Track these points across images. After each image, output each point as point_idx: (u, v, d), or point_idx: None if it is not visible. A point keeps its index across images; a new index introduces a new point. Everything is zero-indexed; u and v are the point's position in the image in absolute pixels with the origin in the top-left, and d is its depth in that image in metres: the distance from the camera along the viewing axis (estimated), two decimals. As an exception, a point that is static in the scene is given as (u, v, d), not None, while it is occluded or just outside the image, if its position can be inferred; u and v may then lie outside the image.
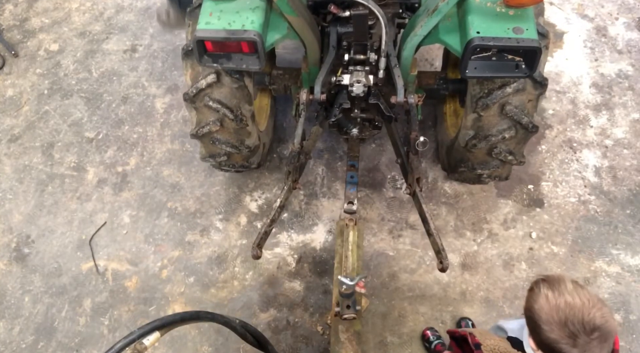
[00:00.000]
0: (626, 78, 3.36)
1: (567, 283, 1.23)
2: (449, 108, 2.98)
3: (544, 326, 1.19)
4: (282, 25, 2.14)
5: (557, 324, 1.17)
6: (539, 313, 1.21)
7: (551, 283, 1.24)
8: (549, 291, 1.22)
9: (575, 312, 1.17)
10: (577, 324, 1.16)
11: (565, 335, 1.16)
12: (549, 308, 1.19)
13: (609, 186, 2.96)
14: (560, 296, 1.20)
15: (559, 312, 1.18)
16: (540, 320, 1.20)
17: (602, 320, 1.16)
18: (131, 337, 1.41)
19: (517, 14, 1.97)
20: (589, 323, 1.16)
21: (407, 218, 2.88)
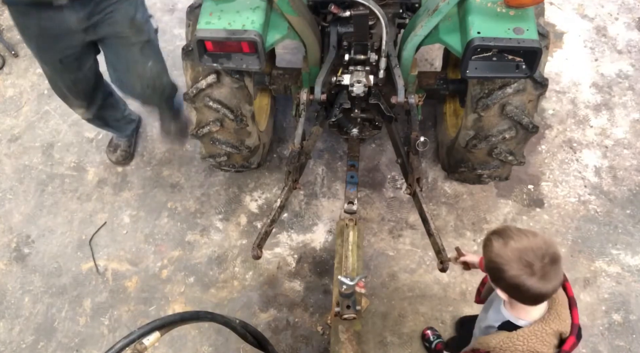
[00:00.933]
0: (626, 78, 3.36)
1: (511, 229, 1.41)
2: (449, 108, 2.98)
3: (504, 267, 1.35)
4: (282, 25, 2.14)
5: (514, 261, 1.34)
6: (496, 259, 1.37)
7: (499, 233, 1.41)
8: (499, 239, 1.39)
9: (525, 246, 1.35)
10: (530, 254, 1.33)
11: (523, 266, 1.32)
12: (504, 252, 1.36)
13: (609, 186, 2.96)
14: (509, 240, 1.37)
15: (513, 251, 1.35)
16: (500, 264, 1.36)
17: (546, 245, 1.36)
18: (131, 337, 1.41)
19: (517, 15, 1.97)
20: (538, 250, 1.34)
21: (407, 218, 2.88)
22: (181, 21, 3.65)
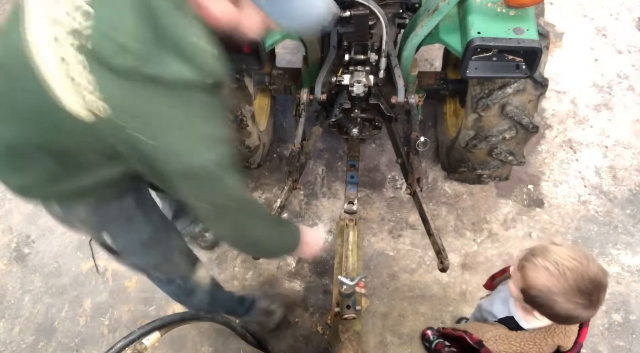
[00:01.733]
0: (626, 78, 3.36)
1: (553, 248, 1.25)
2: (449, 108, 2.98)
3: (559, 298, 1.20)
4: (282, 25, 2.14)
5: (571, 292, 1.19)
6: (547, 288, 1.21)
7: (542, 254, 1.25)
8: (545, 262, 1.23)
9: (582, 274, 1.20)
10: (589, 285, 1.19)
11: (582, 299, 1.19)
12: (557, 280, 1.20)
13: (609, 186, 2.96)
14: (559, 265, 1.21)
15: (569, 280, 1.19)
16: (552, 294, 1.21)
17: (601, 271, 1.22)
18: (131, 337, 1.42)
19: (517, 15, 1.97)
20: (595, 279, 1.20)
21: (407, 218, 2.88)
22: (181, 21, 3.65)
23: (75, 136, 1.21)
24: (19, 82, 1.17)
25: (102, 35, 1.05)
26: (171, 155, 1.16)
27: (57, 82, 1.10)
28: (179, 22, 1.06)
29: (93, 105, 1.09)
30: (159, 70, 1.07)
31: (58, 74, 1.09)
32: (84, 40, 1.06)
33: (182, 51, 1.07)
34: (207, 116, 1.22)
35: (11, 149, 1.33)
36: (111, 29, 1.05)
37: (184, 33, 1.07)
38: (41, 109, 1.17)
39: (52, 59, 1.09)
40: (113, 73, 1.07)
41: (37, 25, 1.10)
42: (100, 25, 1.05)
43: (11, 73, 1.19)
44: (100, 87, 1.08)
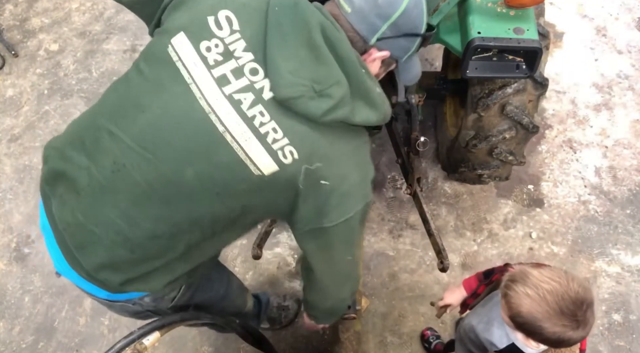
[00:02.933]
0: (626, 78, 3.36)
1: (532, 272, 1.22)
2: (449, 108, 2.98)
3: (545, 324, 1.18)
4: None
5: (555, 316, 1.17)
6: (531, 314, 1.19)
7: (521, 280, 1.23)
8: (525, 288, 1.21)
9: (562, 295, 1.17)
10: (570, 306, 1.17)
11: (568, 321, 1.16)
12: (539, 305, 1.18)
13: (609, 186, 2.96)
14: (539, 289, 1.19)
15: (550, 304, 1.17)
16: (537, 321, 1.19)
17: (582, 288, 1.19)
18: (131, 337, 1.41)
19: (517, 15, 1.97)
20: (577, 298, 1.17)
21: (407, 218, 2.88)
22: (181, 21, 3.65)
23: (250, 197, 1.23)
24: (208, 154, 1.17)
25: (287, 83, 1.11)
26: (346, 197, 1.24)
27: (247, 142, 1.14)
28: (366, 75, 1.18)
29: (280, 152, 1.14)
30: (352, 114, 1.17)
31: (245, 132, 1.13)
32: (259, 92, 1.13)
33: (370, 99, 1.20)
34: (370, 160, 1.35)
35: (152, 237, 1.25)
36: (300, 76, 1.11)
37: (372, 85, 1.21)
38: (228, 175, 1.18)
39: (234, 118, 1.13)
40: (299, 117, 1.13)
41: (209, 91, 1.14)
42: (280, 74, 1.11)
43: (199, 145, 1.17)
44: (285, 131, 1.14)
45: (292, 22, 1.13)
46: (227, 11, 1.16)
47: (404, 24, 1.19)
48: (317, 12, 1.15)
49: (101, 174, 1.22)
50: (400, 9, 1.17)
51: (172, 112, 1.17)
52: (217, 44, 1.14)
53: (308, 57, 1.12)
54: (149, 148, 1.18)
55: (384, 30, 1.19)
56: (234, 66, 1.14)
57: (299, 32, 1.12)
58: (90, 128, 1.28)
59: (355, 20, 1.18)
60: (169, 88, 1.17)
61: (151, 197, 1.20)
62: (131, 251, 1.25)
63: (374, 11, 1.17)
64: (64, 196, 1.27)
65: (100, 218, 1.23)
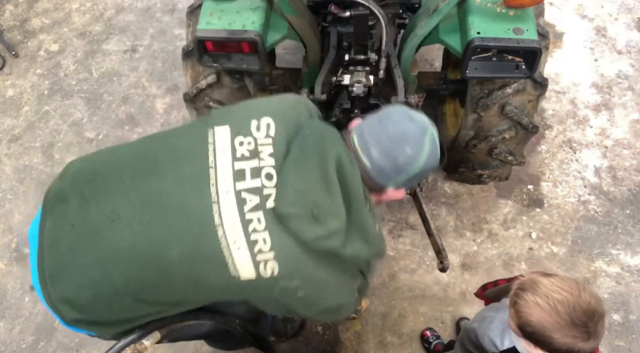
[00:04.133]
0: (626, 78, 3.36)
1: (542, 281, 1.21)
2: (449, 108, 2.99)
3: (555, 335, 1.16)
4: (282, 25, 2.14)
5: (566, 327, 1.15)
6: (541, 324, 1.17)
7: (531, 289, 1.21)
8: (535, 297, 1.19)
9: (574, 306, 1.15)
10: (582, 317, 1.14)
11: (579, 333, 1.14)
12: (549, 315, 1.16)
13: (608, 186, 2.97)
14: (549, 298, 1.17)
15: (561, 314, 1.15)
16: (547, 331, 1.17)
17: (594, 300, 1.17)
18: (131, 337, 1.41)
19: (517, 15, 1.98)
20: (589, 310, 1.15)
21: (407, 218, 2.88)
22: (181, 22, 3.66)
23: (218, 293, 1.25)
24: (200, 245, 1.18)
25: (290, 199, 1.13)
26: (316, 305, 1.26)
27: (236, 242, 1.14)
28: (368, 214, 1.20)
29: (262, 264, 1.14)
30: (344, 247, 1.17)
31: (238, 232, 1.14)
32: (264, 199, 1.15)
33: (366, 237, 1.20)
34: (352, 293, 1.35)
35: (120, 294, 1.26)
36: (303, 196, 1.13)
37: (372, 223, 1.21)
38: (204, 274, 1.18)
39: (234, 216, 1.14)
40: (291, 236, 1.14)
41: (224, 182, 1.17)
42: (287, 189, 1.14)
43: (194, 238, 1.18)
44: (274, 245, 1.14)
45: (313, 145, 1.18)
46: (269, 119, 1.23)
47: (422, 172, 1.23)
48: (339, 145, 1.19)
49: (97, 217, 1.23)
50: (419, 164, 1.20)
51: (182, 188, 1.20)
52: (250, 142, 1.20)
53: (317, 183, 1.15)
54: (147, 211, 1.20)
55: (401, 180, 1.23)
56: (255, 165, 1.18)
57: (317, 157, 1.16)
58: (110, 166, 1.31)
59: (373, 173, 1.21)
60: (191, 164, 1.22)
61: (131, 258, 1.21)
62: (94, 298, 1.25)
63: (393, 169, 1.20)
64: (58, 221, 1.28)
65: (79, 259, 1.24)
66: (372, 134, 1.20)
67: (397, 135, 1.18)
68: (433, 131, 1.22)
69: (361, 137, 1.22)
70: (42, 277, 1.29)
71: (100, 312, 1.29)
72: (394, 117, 1.22)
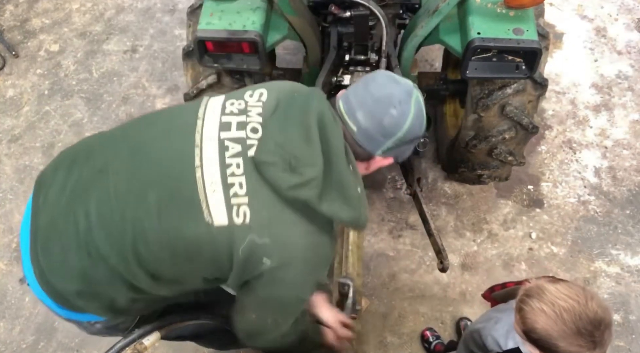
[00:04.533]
0: (626, 79, 3.37)
1: (548, 288, 1.20)
2: (449, 109, 2.99)
3: (561, 343, 1.15)
4: (282, 25, 2.15)
5: (572, 336, 1.14)
6: (547, 332, 1.17)
7: (537, 295, 1.20)
8: (541, 304, 1.18)
9: (580, 315, 1.14)
10: (588, 326, 1.14)
11: (584, 342, 1.14)
12: (555, 323, 1.16)
13: (608, 187, 2.97)
14: (555, 306, 1.16)
15: (567, 323, 1.15)
16: (552, 339, 1.16)
17: (601, 309, 1.16)
18: (131, 337, 1.42)
19: (517, 15, 1.98)
20: (595, 319, 1.14)
21: (407, 218, 2.88)
22: (182, 22, 3.66)
23: (193, 254, 1.22)
24: (177, 186, 1.19)
25: (269, 149, 1.15)
26: (279, 283, 1.22)
27: (212, 185, 1.15)
28: (349, 172, 1.19)
29: (235, 208, 1.14)
30: (319, 201, 1.15)
31: (216, 175, 1.16)
32: (246, 148, 1.17)
33: (345, 195, 1.18)
34: (326, 262, 1.32)
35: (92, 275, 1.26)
36: (282, 147, 1.14)
37: (352, 182, 1.20)
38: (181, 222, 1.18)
39: (214, 160, 1.17)
40: (266, 185, 1.15)
41: (208, 131, 1.21)
42: (268, 140, 1.16)
43: (173, 182, 1.20)
44: (249, 191, 1.15)
45: (299, 104, 1.21)
46: (263, 89, 1.30)
47: (408, 136, 1.23)
48: (323, 103, 1.21)
49: (88, 174, 1.27)
50: (405, 127, 1.20)
51: (169, 136, 1.25)
52: (240, 103, 1.26)
53: (298, 136, 1.16)
54: (135, 160, 1.24)
55: (389, 145, 1.24)
56: (242, 120, 1.22)
57: (300, 113, 1.19)
58: (105, 138, 1.37)
59: (360, 138, 1.22)
60: (182, 118, 1.28)
61: (112, 208, 1.21)
62: (80, 259, 1.24)
63: (379, 132, 1.20)
64: (52, 189, 1.30)
65: (68, 215, 1.25)
66: (358, 98, 1.21)
67: (382, 97, 1.19)
68: (418, 94, 1.23)
69: (347, 101, 1.23)
70: (34, 248, 1.29)
71: (89, 276, 1.27)
72: (378, 80, 1.23)
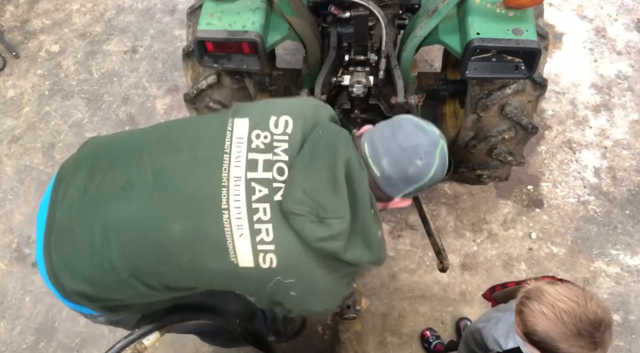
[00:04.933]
0: (625, 79, 3.37)
1: (547, 290, 1.20)
2: (448, 109, 2.99)
3: (562, 345, 1.16)
4: (282, 26, 2.15)
5: (573, 338, 1.15)
6: (547, 334, 1.18)
7: (536, 298, 1.21)
8: (540, 306, 1.19)
9: (580, 316, 1.15)
10: (588, 328, 1.14)
11: (585, 343, 1.14)
12: (555, 325, 1.16)
13: (608, 187, 2.97)
14: (555, 308, 1.17)
15: (567, 325, 1.15)
16: (553, 341, 1.17)
17: (601, 309, 1.17)
18: (131, 337, 1.42)
19: (516, 15, 1.98)
20: (595, 320, 1.15)
21: (407, 218, 2.88)
22: (182, 22, 3.66)
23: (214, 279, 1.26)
24: (205, 229, 1.19)
25: (296, 195, 1.14)
26: (303, 305, 1.30)
27: (237, 223, 1.16)
28: (372, 219, 1.20)
29: (261, 254, 1.15)
30: (344, 250, 1.17)
31: (242, 218, 1.16)
32: (272, 192, 1.16)
33: (368, 242, 1.21)
34: (343, 289, 1.35)
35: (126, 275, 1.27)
36: (309, 194, 1.14)
37: (375, 228, 1.21)
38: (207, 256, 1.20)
39: (240, 203, 1.16)
40: (292, 232, 1.15)
41: (235, 169, 1.19)
42: (295, 185, 1.15)
43: (198, 213, 1.20)
44: (276, 239, 1.15)
45: (325, 146, 1.19)
46: (288, 117, 1.26)
47: (429, 183, 1.23)
48: (350, 148, 1.20)
49: (111, 186, 1.26)
50: (428, 177, 1.20)
51: (195, 168, 1.22)
52: (267, 136, 1.23)
53: (325, 184, 1.15)
54: (160, 186, 1.23)
55: (410, 190, 1.23)
56: (269, 158, 1.20)
57: (327, 158, 1.17)
58: (130, 143, 1.36)
59: (382, 183, 1.21)
60: (208, 146, 1.25)
61: (134, 229, 1.23)
62: (91, 266, 1.26)
63: (402, 180, 1.20)
64: (72, 187, 1.31)
65: (86, 222, 1.26)
66: (384, 144, 1.20)
67: (409, 147, 1.18)
68: (444, 144, 1.23)
69: (372, 145, 1.21)
70: (48, 241, 1.31)
71: (97, 282, 1.29)
72: (406, 128, 1.21)
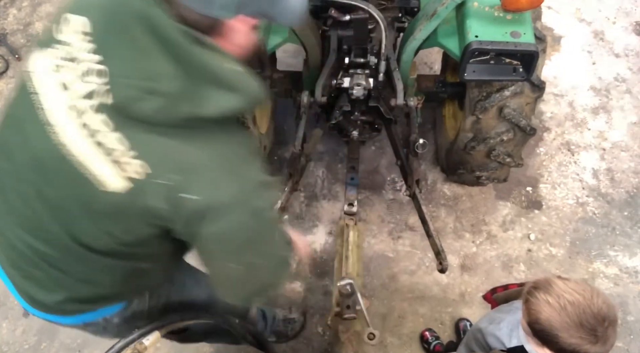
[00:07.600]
0: (623, 81, 3.39)
1: (556, 282, 1.23)
2: (448, 111, 3.01)
3: (562, 333, 1.18)
4: (283, 29, 2.17)
5: (574, 328, 1.16)
6: (549, 322, 1.19)
7: (544, 288, 1.23)
8: (547, 296, 1.21)
9: (584, 309, 1.17)
10: (591, 320, 1.16)
11: (586, 335, 1.16)
12: (558, 314, 1.18)
13: (606, 189, 2.98)
14: (560, 298, 1.19)
15: (570, 315, 1.17)
16: (554, 329, 1.19)
17: (606, 305, 1.18)
18: (131, 337, 1.43)
19: (514, 18, 2.00)
20: (599, 314, 1.17)
21: (407, 219, 2.90)
22: (183, 25, 3.68)
23: (115, 219, 1.07)
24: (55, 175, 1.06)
25: (122, 86, 0.95)
26: (220, 210, 1.01)
27: (86, 155, 0.99)
28: (204, 53, 0.96)
29: (129, 168, 0.97)
30: (199, 106, 0.96)
31: (85, 145, 0.98)
32: (102, 98, 0.96)
33: (220, 80, 0.97)
34: (250, 156, 1.08)
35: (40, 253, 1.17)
36: (130, 76, 0.95)
37: (217, 63, 0.97)
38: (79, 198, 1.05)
39: (74, 130, 0.99)
40: (143, 124, 0.96)
41: (52, 101, 1.01)
42: (116, 77, 0.96)
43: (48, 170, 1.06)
44: (132, 143, 0.97)
45: (120, 19, 0.97)
46: (76, 16, 1.08)
47: None
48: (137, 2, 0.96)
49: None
50: None
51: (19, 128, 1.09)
52: (65, 49, 1.03)
53: (130, 52, 0.95)
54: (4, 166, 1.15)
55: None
56: (76, 68, 0.99)
57: (125, 28, 0.96)
58: None
59: (189, 3, 0.95)
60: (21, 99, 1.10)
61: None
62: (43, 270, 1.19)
63: None
64: None
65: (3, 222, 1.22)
66: None
67: None
68: None
69: None
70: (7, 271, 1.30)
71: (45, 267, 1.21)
72: None
